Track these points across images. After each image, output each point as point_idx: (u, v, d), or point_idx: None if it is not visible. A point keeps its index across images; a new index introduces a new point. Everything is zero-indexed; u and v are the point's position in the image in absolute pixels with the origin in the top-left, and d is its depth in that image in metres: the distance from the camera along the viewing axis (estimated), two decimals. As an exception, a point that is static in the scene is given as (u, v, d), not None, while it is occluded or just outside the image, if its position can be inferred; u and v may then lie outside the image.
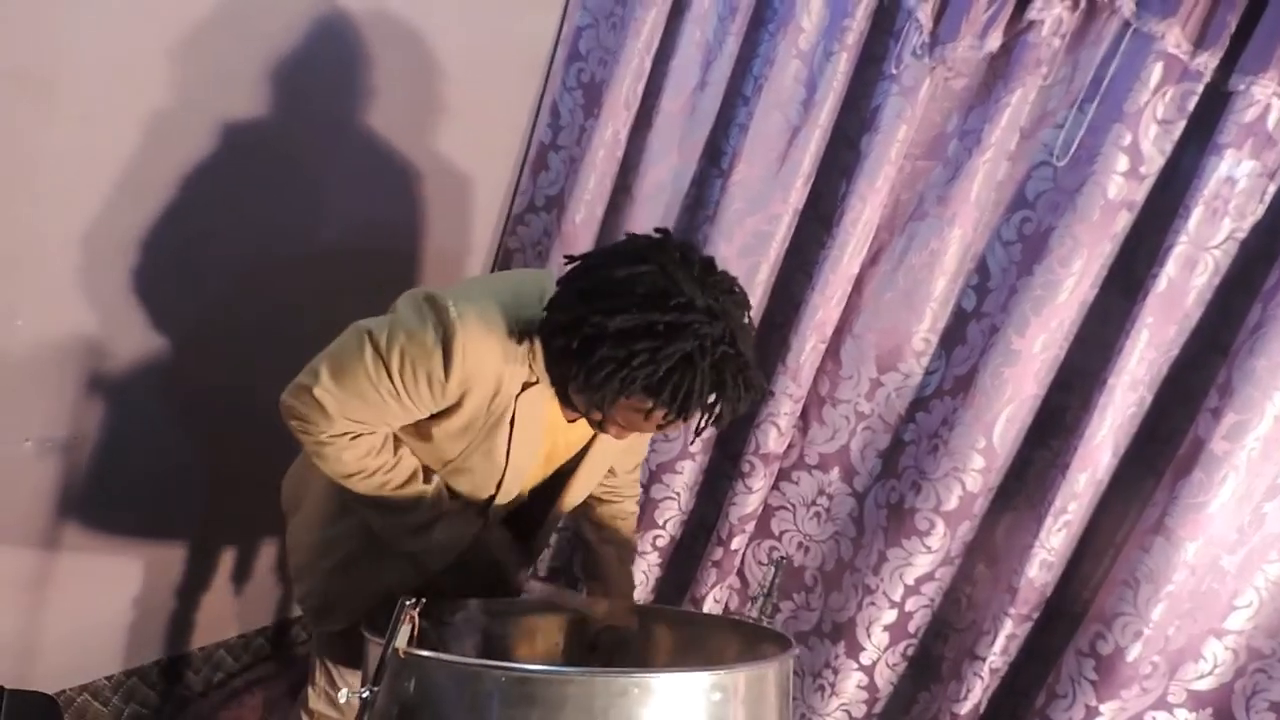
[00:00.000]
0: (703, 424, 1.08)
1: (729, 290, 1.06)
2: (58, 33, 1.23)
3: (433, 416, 1.16)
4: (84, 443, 1.52)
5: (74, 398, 1.47)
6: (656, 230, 1.10)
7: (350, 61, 1.61)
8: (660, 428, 1.06)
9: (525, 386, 1.15)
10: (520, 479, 1.27)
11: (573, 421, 1.24)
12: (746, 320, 1.07)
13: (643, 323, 0.98)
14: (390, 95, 1.71)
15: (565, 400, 1.17)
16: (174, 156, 1.44)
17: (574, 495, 1.36)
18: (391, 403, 1.12)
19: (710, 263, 1.07)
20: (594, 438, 1.29)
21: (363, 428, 1.15)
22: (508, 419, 1.16)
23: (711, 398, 1.04)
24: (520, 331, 1.12)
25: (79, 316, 1.43)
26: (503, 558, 1.28)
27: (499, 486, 1.25)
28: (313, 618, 1.36)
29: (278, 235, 1.65)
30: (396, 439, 1.22)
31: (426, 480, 1.24)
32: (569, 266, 1.11)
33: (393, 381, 1.09)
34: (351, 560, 1.29)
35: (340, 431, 1.14)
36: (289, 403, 1.15)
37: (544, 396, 1.17)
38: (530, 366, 1.14)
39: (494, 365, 1.11)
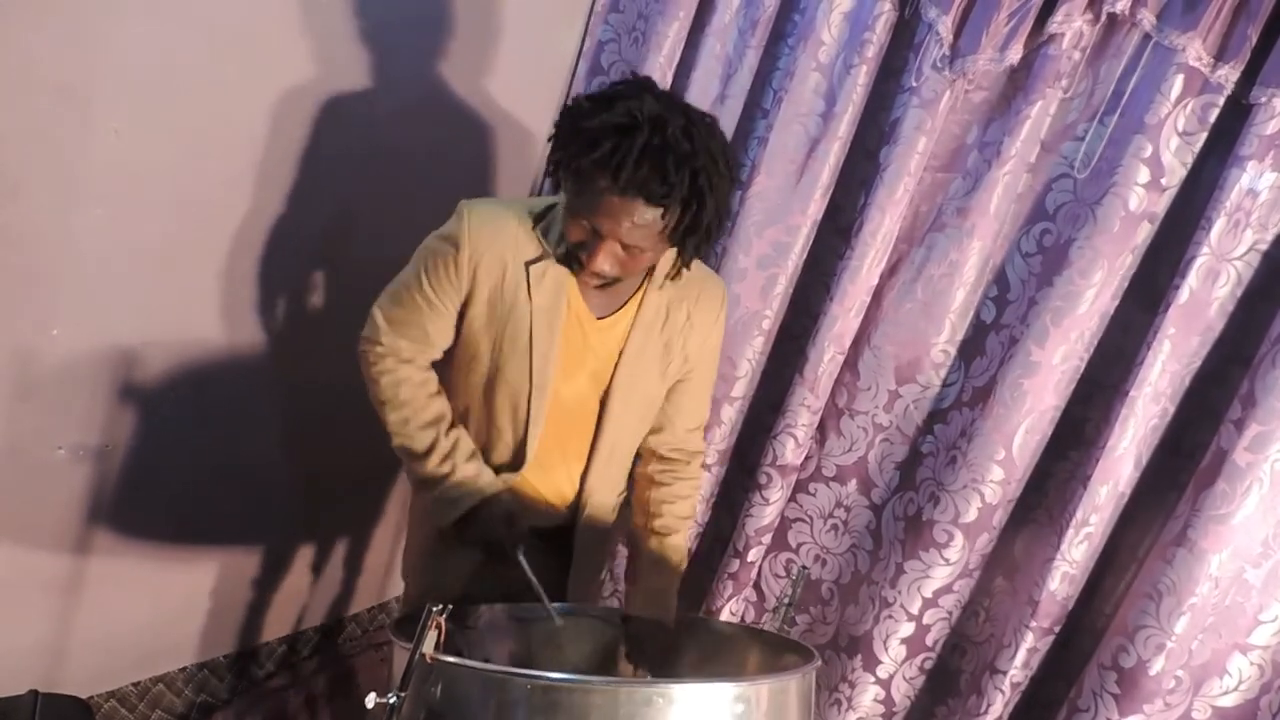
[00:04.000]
0: (667, 220, 1.11)
1: (703, 116, 1.14)
2: (96, 47, 1.26)
3: (462, 315, 1.28)
4: (116, 451, 1.54)
5: (107, 406, 1.49)
6: None
7: (375, 78, 1.63)
8: (611, 203, 1.09)
9: (536, 260, 1.25)
10: (547, 373, 1.29)
11: (602, 319, 1.29)
12: (715, 138, 1.13)
13: (604, 99, 1.11)
14: (415, 110, 1.74)
15: (575, 263, 1.22)
16: (208, 168, 1.46)
17: (616, 422, 1.36)
18: (422, 305, 1.26)
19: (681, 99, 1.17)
20: (627, 340, 1.31)
21: (407, 346, 1.30)
22: (524, 295, 1.25)
23: (653, 180, 1.07)
24: (531, 217, 1.25)
25: (113, 326, 1.45)
26: (499, 533, 1.29)
27: (531, 384, 1.29)
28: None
29: (310, 247, 1.68)
30: (439, 393, 1.34)
31: (448, 439, 1.31)
32: None
33: (422, 280, 1.25)
34: (445, 548, 1.39)
35: (388, 348, 1.29)
36: (364, 331, 1.33)
37: (558, 274, 1.25)
38: (541, 246, 1.25)
39: (499, 241, 1.23)
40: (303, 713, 2.01)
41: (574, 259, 1.22)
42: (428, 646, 0.98)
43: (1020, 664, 1.68)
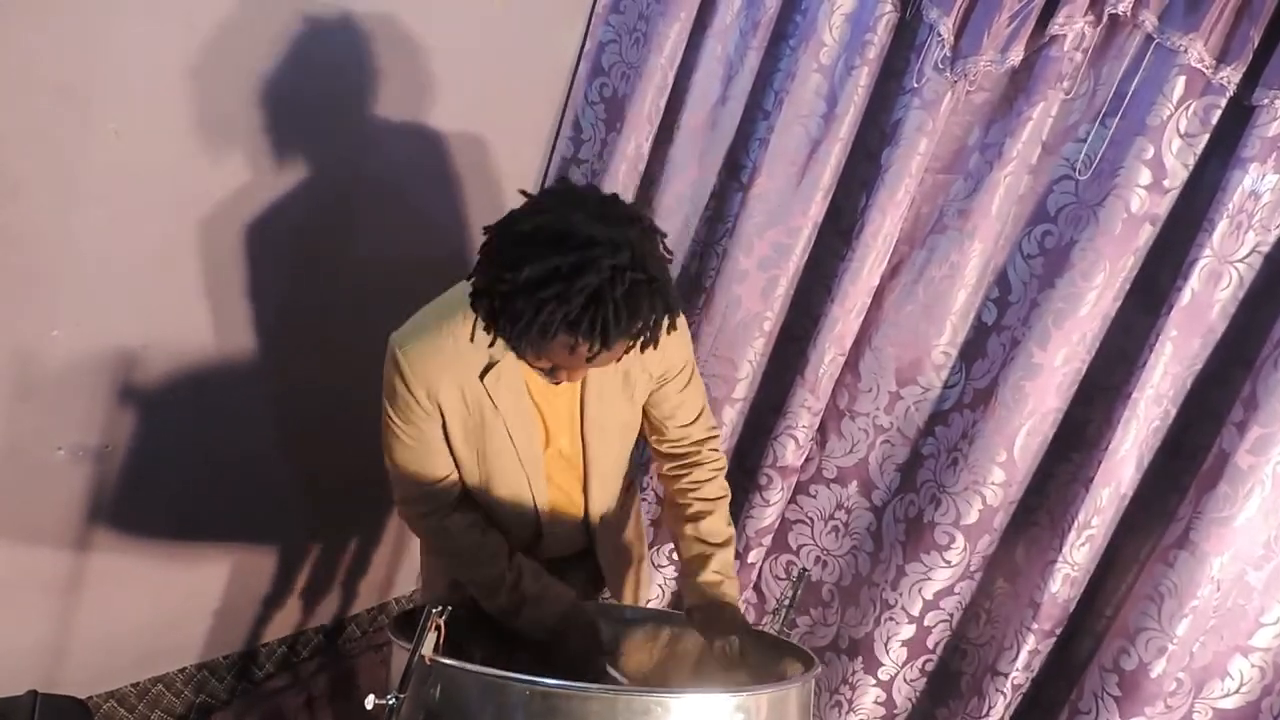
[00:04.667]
0: (633, 348, 1.09)
1: (633, 220, 1.06)
2: (96, 47, 1.25)
3: (446, 439, 1.27)
4: (116, 451, 1.54)
5: (107, 407, 1.49)
6: (559, 179, 1.14)
7: (376, 75, 1.63)
8: (591, 360, 1.06)
9: (487, 370, 1.22)
10: (537, 460, 1.31)
11: (558, 383, 1.26)
12: (655, 244, 1.07)
13: (548, 268, 1.00)
14: (415, 109, 1.73)
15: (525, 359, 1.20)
16: (208, 168, 1.46)
17: (598, 453, 1.36)
18: (415, 445, 1.26)
19: (611, 198, 1.09)
20: (585, 387, 1.30)
21: (442, 492, 1.30)
22: (489, 406, 1.24)
23: (634, 325, 1.04)
24: (464, 324, 1.17)
25: (113, 326, 1.45)
26: (588, 645, 1.33)
27: (527, 476, 1.32)
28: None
29: (309, 248, 1.67)
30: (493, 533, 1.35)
31: (512, 570, 1.33)
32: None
33: (401, 429, 1.25)
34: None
35: (429, 505, 1.31)
36: (395, 495, 1.34)
37: (513, 372, 1.23)
38: (486, 352, 1.20)
39: (440, 366, 1.21)
40: (302, 714, 2.00)
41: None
42: (427, 648, 0.98)
43: (1022, 666, 1.68)
